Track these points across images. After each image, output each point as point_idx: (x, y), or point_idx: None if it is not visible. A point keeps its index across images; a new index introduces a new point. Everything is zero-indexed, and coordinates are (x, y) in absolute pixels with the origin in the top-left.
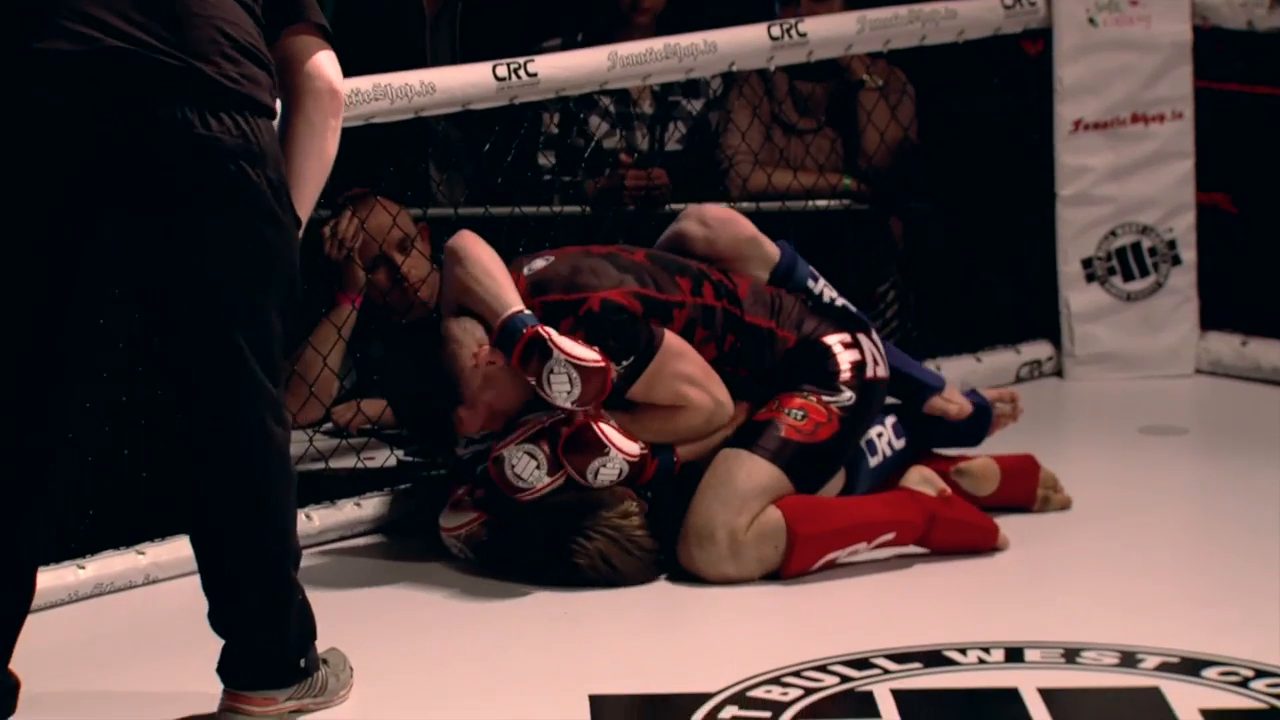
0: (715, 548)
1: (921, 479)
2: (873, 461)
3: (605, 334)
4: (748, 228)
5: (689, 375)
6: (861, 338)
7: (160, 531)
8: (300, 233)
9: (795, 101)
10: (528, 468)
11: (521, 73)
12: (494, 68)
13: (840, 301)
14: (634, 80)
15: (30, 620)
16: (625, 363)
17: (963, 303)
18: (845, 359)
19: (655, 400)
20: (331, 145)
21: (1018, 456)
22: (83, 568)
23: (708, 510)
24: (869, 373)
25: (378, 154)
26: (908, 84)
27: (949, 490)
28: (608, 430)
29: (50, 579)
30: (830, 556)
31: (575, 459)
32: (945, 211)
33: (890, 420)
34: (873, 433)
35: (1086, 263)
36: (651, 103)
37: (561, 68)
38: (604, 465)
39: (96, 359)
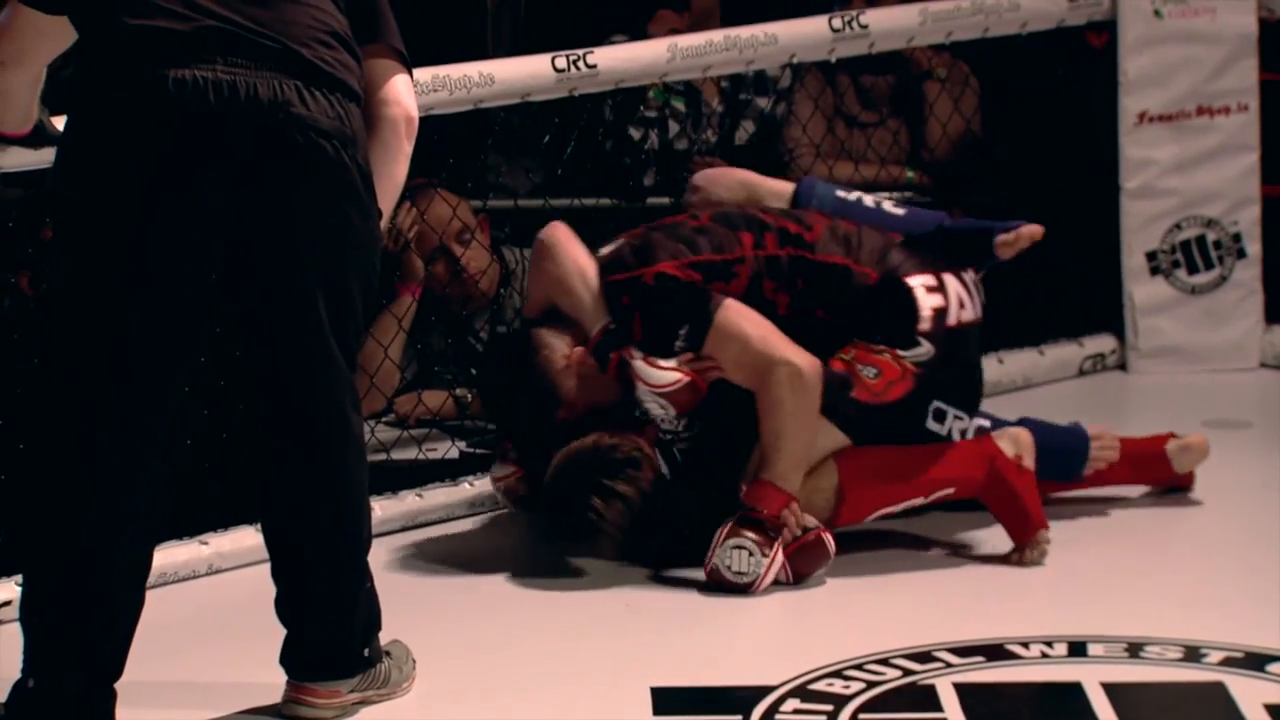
0: None
1: (1011, 440)
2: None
3: (658, 305)
4: (738, 174)
5: (751, 334)
6: (948, 279)
7: (223, 522)
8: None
9: (858, 94)
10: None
11: (581, 64)
12: (553, 59)
13: (886, 205)
14: (694, 72)
15: None
16: (683, 331)
17: (1025, 295)
18: (927, 304)
19: (726, 363)
20: (402, 170)
21: None
22: None
23: None
24: (951, 319)
25: (438, 145)
26: (970, 76)
27: (1029, 463)
28: (636, 366)
29: None
30: (883, 512)
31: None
32: (1008, 204)
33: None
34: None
35: (1151, 256)
36: (720, 100)
37: (621, 59)
38: (643, 401)
39: (202, 344)
